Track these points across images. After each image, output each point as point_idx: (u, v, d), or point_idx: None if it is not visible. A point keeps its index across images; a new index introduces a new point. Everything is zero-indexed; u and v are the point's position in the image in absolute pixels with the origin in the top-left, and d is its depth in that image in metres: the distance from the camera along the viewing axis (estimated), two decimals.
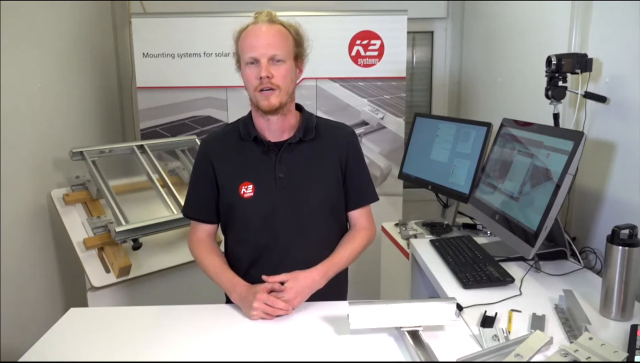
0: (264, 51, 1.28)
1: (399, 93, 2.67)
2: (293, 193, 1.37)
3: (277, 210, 1.37)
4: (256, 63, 1.29)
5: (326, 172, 1.40)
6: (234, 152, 1.40)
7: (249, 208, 1.37)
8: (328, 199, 1.41)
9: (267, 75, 1.27)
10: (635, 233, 1.23)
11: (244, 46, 1.31)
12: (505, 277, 1.47)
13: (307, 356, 1.11)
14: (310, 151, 1.39)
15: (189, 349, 1.16)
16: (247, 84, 1.33)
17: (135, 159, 2.16)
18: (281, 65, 1.29)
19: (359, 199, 1.47)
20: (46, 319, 1.39)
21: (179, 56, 2.59)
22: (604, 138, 1.63)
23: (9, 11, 1.86)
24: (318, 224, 1.40)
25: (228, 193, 1.39)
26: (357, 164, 1.46)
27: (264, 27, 1.30)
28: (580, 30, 1.73)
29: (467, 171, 2.02)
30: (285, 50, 1.30)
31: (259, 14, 1.33)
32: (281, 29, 1.32)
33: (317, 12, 2.62)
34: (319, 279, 1.33)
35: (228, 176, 1.39)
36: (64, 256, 2.16)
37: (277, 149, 1.38)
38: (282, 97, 1.31)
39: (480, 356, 1.06)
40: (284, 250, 1.38)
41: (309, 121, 1.41)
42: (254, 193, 1.36)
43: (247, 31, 1.32)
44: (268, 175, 1.37)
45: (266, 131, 1.38)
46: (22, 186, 1.96)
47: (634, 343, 1.07)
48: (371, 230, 1.49)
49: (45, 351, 1.16)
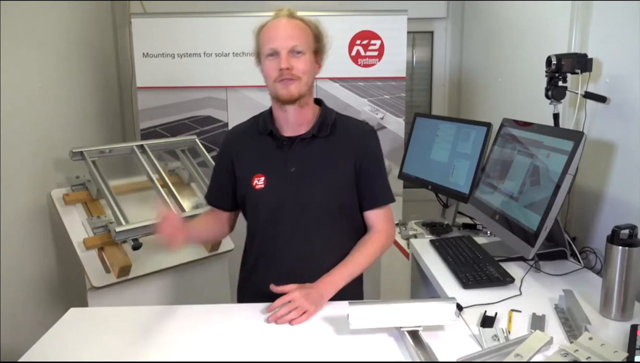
0: (283, 43, 1.29)
1: (399, 93, 2.67)
2: (303, 188, 1.37)
3: (285, 203, 1.37)
4: (276, 55, 1.30)
5: (338, 170, 1.39)
6: (251, 145, 1.43)
7: (259, 199, 1.39)
8: (337, 197, 1.39)
9: (287, 66, 1.28)
10: (635, 233, 1.23)
11: (264, 39, 1.32)
12: (505, 277, 1.47)
13: (307, 356, 1.11)
14: (324, 148, 1.39)
15: (189, 349, 1.16)
16: (266, 77, 1.34)
17: (135, 159, 2.16)
18: (301, 57, 1.30)
19: (373, 200, 1.44)
20: (46, 319, 1.39)
21: (179, 56, 2.59)
22: (604, 137, 1.63)
23: (9, 11, 1.86)
24: (324, 221, 1.39)
25: (243, 185, 1.42)
26: (373, 163, 1.43)
27: (283, 20, 1.32)
28: (580, 30, 1.73)
29: (467, 171, 2.02)
30: (305, 42, 1.32)
31: (279, 10, 1.34)
32: (300, 23, 1.34)
33: (317, 12, 2.61)
34: (329, 290, 1.32)
35: (244, 168, 1.42)
36: (64, 256, 2.16)
37: (290, 143, 1.38)
38: (302, 88, 1.32)
39: (480, 356, 1.06)
40: (288, 243, 1.38)
41: (326, 116, 1.41)
42: (265, 185, 1.38)
43: (267, 26, 1.34)
44: (280, 169, 1.38)
45: (284, 124, 1.39)
46: (22, 186, 1.96)
47: (634, 343, 1.07)
48: (387, 232, 1.45)
49: (45, 351, 1.16)
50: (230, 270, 2.29)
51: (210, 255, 2.16)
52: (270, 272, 1.40)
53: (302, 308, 1.26)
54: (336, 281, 1.34)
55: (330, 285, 1.32)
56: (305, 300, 1.27)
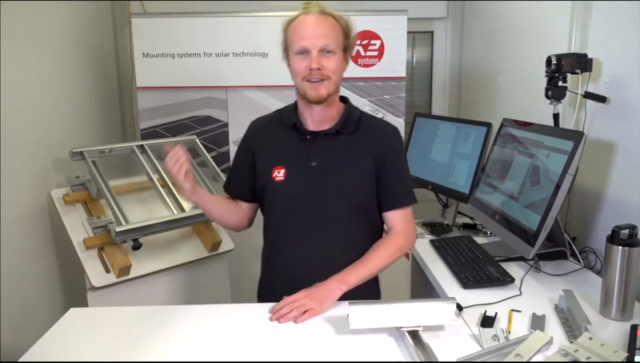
0: (314, 42, 1.28)
1: (399, 93, 2.67)
2: (322, 183, 1.37)
3: (304, 197, 1.37)
4: (306, 53, 1.30)
5: (359, 167, 1.38)
6: (274, 137, 1.43)
7: (278, 191, 1.39)
8: (356, 194, 1.38)
9: (317, 67, 1.28)
10: (635, 233, 1.23)
11: (294, 36, 1.32)
12: (505, 277, 1.47)
13: (307, 356, 1.11)
14: (347, 144, 1.39)
15: (189, 349, 1.16)
16: (294, 74, 1.34)
17: (135, 159, 2.16)
18: (331, 56, 1.30)
19: (392, 201, 1.41)
20: (46, 319, 1.39)
21: (179, 56, 2.58)
22: (604, 137, 1.63)
23: (9, 11, 1.85)
24: (341, 217, 1.38)
25: (262, 176, 1.42)
26: (394, 163, 1.42)
27: (315, 17, 1.31)
28: (580, 30, 1.73)
29: (467, 171, 2.02)
30: (336, 41, 1.31)
31: (308, 4, 1.34)
32: (332, 20, 1.33)
33: None
34: (335, 288, 1.31)
35: (265, 160, 1.42)
36: (64, 256, 2.16)
37: (314, 137, 1.39)
38: (330, 88, 1.32)
39: (480, 356, 1.06)
40: (303, 238, 1.38)
41: (351, 114, 1.41)
42: (284, 177, 1.38)
43: (297, 21, 1.33)
44: (301, 162, 1.38)
45: (308, 119, 1.40)
46: (22, 186, 1.96)
47: (634, 343, 1.07)
48: (406, 235, 1.41)
49: (45, 351, 1.16)
50: (230, 270, 2.29)
51: (210, 255, 2.16)
52: (284, 266, 1.41)
53: (305, 306, 1.26)
54: (346, 279, 1.31)
55: (339, 282, 1.31)
56: (310, 300, 1.27)
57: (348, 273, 1.33)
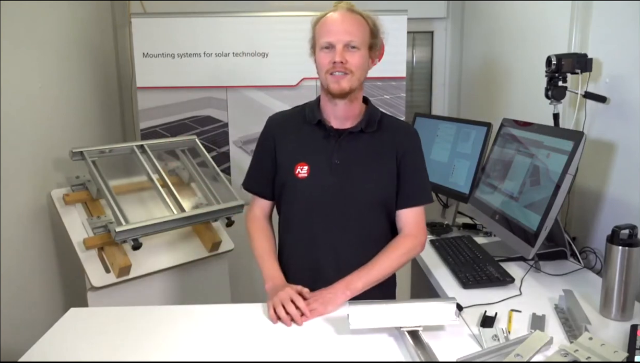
0: (340, 37, 1.30)
1: (399, 93, 2.67)
2: (346, 181, 1.37)
3: (326, 194, 1.37)
4: (331, 48, 1.31)
5: (382, 166, 1.39)
6: (296, 133, 1.43)
7: (301, 188, 1.39)
8: (379, 193, 1.39)
9: (341, 60, 1.29)
10: (635, 233, 1.23)
11: (321, 31, 1.33)
12: (505, 277, 1.47)
13: (307, 356, 1.11)
14: (370, 143, 1.40)
15: (189, 349, 1.16)
16: (319, 68, 1.35)
17: (135, 159, 2.16)
18: (355, 52, 1.31)
19: (407, 199, 1.42)
20: (46, 319, 1.39)
21: (179, 56, 2.58)
22: (604, 137, 1.63)
23: (9, 11, 1.85)
24: (364, 215, 1.39)
25: (284, 172, 1.41)
26: (413, 163, 1.42)
27: (342, 14, 1.33)
28: (580, 30, 1.73)
29: (467, 171, 2.02)
30: (361, 38, 1.32)
31: (338, 3, 1.35)
32: (359, 18, 1.34)
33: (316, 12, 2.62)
34: (341, 294, 1.31)
35: (287, 155, 1.41)
36: (64, 256, 2.16)
37: (337, 135, 1.39)
38: (353, 83, 1.32)
39: (480, 356, 1.06)
40: (323, 235, 1.38)
41: (373, 113, 1.42)
42: (308, 174, 1.38)
43: (325, 17, 1.35)
44: (325, 159, 1.38)
45: (331, 116, 1.40)
46: (22, 186, 1.96)
47: (634, 343, 1.07)
48: (416, 238, 1.41)
49: (45, 351, 1.16)
50: (230, 270, 2.29)
51: (210, 255, 2.16)
52: (304, 263, 1.41)
53: (309, 306, 1.26)
54: (352, 285, 1.32)
55: (344, 288, 1.31)
56: (314, 301, 1.28)
57: (355, 278, 1.33)
